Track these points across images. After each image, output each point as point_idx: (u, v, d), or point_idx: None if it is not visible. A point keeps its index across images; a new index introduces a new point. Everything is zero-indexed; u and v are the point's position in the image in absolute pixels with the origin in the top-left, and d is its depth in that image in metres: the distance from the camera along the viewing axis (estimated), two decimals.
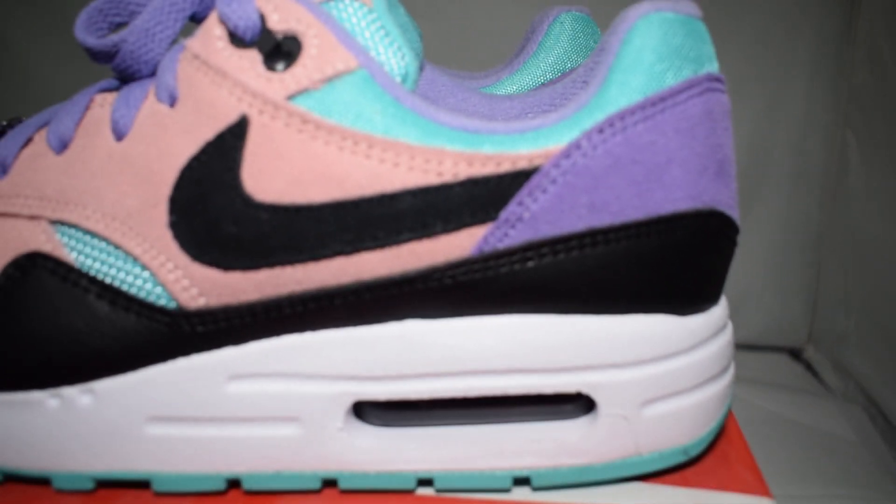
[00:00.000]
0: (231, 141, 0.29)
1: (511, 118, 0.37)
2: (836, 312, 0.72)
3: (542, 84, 0.41)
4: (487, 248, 0.28)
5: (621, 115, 0.28)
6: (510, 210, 0.28)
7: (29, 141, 0.32)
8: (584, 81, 0.35)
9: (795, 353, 0.77)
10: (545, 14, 0.43)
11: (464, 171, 0.28)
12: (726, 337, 0.32)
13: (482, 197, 0.28)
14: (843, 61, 0.71)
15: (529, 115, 0.37)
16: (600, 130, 0.28)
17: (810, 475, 0.60)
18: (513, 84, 0.41)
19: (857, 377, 0.69)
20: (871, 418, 0.67)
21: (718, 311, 0.32)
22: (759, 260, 0.74)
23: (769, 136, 0.72)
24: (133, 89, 0.31)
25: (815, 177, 0.73)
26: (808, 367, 0.75)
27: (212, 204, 0.29)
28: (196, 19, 0.33)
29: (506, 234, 0.28)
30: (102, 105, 0.31)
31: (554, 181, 0.28)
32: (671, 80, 0.29)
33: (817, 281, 0.75)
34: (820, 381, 0.73)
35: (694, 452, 0.31)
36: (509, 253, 0.28)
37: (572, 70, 0.41)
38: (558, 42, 0.42)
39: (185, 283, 0.29)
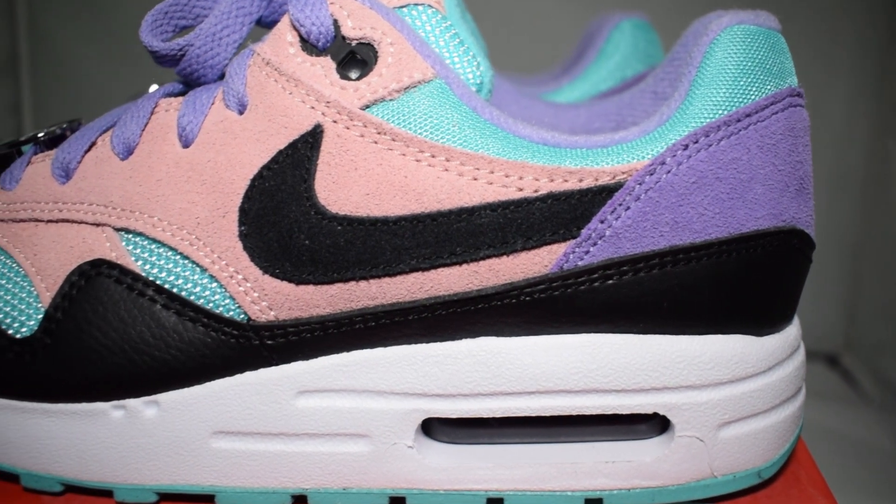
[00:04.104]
0: (304, 150, 0.28)
1: (576, 127, 0.36)
2: (874, 320, 0.72)
3: (603, 92, 0.40)
4: (568, 266, 0.28)
5: (706, 131, 0.28)
6: (592, 227, 0.27)
7: (92, 145, 0.31)
8: (654, 92, 0.34)
9: (832, 361, 0.77)
10: (604, 20, 0.42)
11: (545, 187, 0.27)
12: (800, 357, 0.31)
13: (563, 213, 0.27)
14: (886, 69, 0.70)
15: (595, 124, 0.36)
16: (685, 146, 0.27)
17: (845, 484, 0.59)
18: (574, 91, 0.40)
19: (894, 385, 0.69)
20: None
21: (793, 331, 0.31)
22: None
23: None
24: (199, 95, 0.30)
25: (854, 184, 0.72)
26: (845, 374, 0.75)
27: (284, 215, 0.28)
28: (262, 24, 0.32)
29: (587, 252, 0.28)
30: (168, 110, 0.31)
31: (637, 198, 0.27)
32: (754, 95, 0.28)
33: (855, 288, 0.74)
34: (857, 389, 0.73)
35: (767, 475, 0.31)
36: (590, 271, 0.28)
37: (634, 78, 0.41)
38: (618, 49, 0.41)
39: (255, 295, 0.28)
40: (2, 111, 0.73)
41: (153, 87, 0.46)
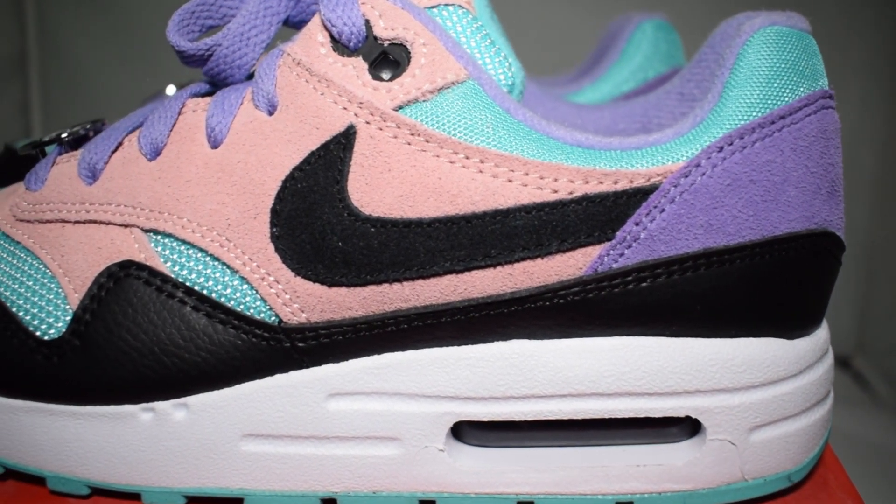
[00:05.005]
0: (337, 151, 0.28)
1: (601, 129, 0.36)
2: (886, 322, 0.72)
3: (625, 93, 0.40)
4: (602, 268, 0.28)
5: (740, 133, 0.27)
6: (627, 229, 0.27)
7: (119, 146, 0.31)
8: (680, 93, 0.34)
9: (844, 363, 0.77)
10: (625, 21, 0.42)
11: (580, 188, 0.27)
12: (829, 361, 0.31)
13: (599, 215, 0.27)
14: None
15: (620, 126, 0.36)
16: (720, 149, 0.27)
17: (857, 487, 0.59)
18: (596, 92, 0.40)
19: None
20: None
21: (822, 334, 0.31)
22: None
23: None
24: (228, 95, 0.30)
25: (866, 186, 0.72)
26: (857, 377, 0.75)
27: (317, 216, 0.28)
28: (289, 24, 0.32)
29: (621, 254, 0.27)
30: (195, 111, 0.30)
31: (672, 200, 0.27)
32: (788, 97, 0.28)
33: (867, 291, 0.74)
34: (868, 391, 0.73)
35: (797, 478, 0.31)
36: (624, 273, 0.28)
37: (656, 79, 0.40)
38: (640, 50, 0.41)
39: (287, 297, 0.28)
40: (11, 110, 0.73)
41: (170, 88, 0.46)
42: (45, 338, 0.29)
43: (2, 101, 0.73)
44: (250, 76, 0.32)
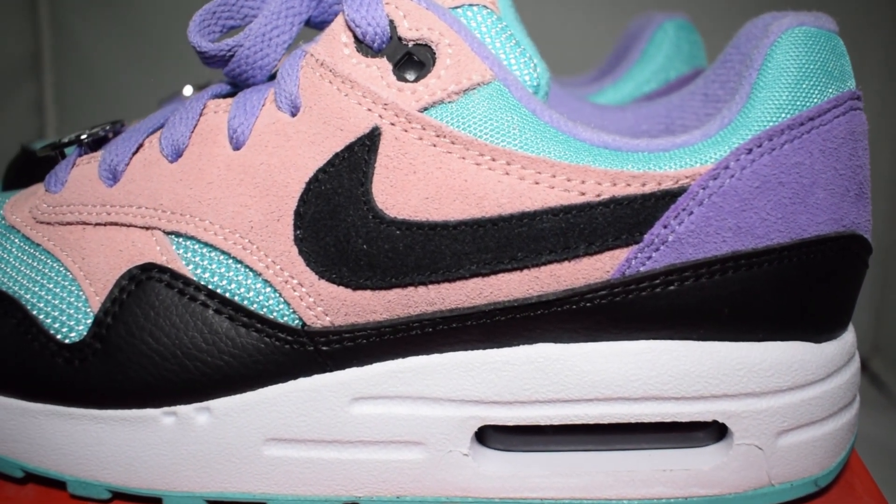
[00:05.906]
0: (361, 153, 0.28)
1: (623, 130, 0.36)
2: None
3: (646, 93, 0.40)
4: (630, 272, 0.27)
5: (769, 135, 0.27)
6: (655, 232, 0.27)
7: (140, 147, 0.31)
8: (704, 94, 0.34)
9: (861, 365, 0.76)
10: (646, 21, 0.42)
11: (608, 191, 0.27)
12: (856, 364, 0.31)
13: (627, 218, 0.27)
14: None
15: (643, 126, 0.36)
16: (748, 150, 0.27)
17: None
18: (617, 92, 0.40)
19: None
20: None
21: (849, 338, 0.31)
22: None
23: None
24: (249, 96, 0.30)
25: (882, 186, 0.72)
26: (874, 378, 0.74)
27: (341, 219, 0.27)
28: (311, 24, 0.32)
29: (649, 257, 0.27)
30: (216, 112, 0.30)
31: (701, 203, 0.27)
32: (816, 99, 0.28)
33: (884, 292, 0.74)
34: (885, 392, 0.72)
35: (824, 483, 0.30)
36: (651, 276, 0.27)
37: (677, 79, 0.40)
38: (661, 50, 0.40)
39: (311, 300, 0.28)
40: (25, 110, 0.73)
41: (187, 89, 0.45)
42: (66, 341, 0.29)
43: (16, 101, 0.73)
44: (272, 77, 0.31)
